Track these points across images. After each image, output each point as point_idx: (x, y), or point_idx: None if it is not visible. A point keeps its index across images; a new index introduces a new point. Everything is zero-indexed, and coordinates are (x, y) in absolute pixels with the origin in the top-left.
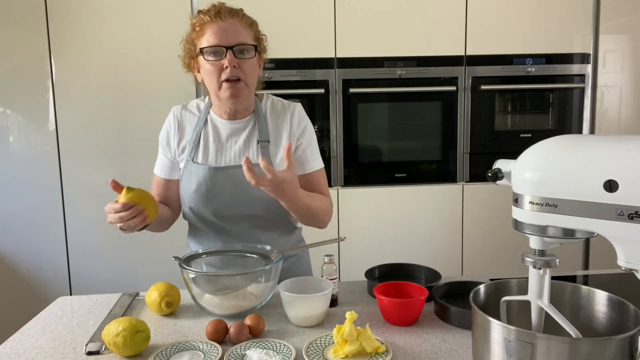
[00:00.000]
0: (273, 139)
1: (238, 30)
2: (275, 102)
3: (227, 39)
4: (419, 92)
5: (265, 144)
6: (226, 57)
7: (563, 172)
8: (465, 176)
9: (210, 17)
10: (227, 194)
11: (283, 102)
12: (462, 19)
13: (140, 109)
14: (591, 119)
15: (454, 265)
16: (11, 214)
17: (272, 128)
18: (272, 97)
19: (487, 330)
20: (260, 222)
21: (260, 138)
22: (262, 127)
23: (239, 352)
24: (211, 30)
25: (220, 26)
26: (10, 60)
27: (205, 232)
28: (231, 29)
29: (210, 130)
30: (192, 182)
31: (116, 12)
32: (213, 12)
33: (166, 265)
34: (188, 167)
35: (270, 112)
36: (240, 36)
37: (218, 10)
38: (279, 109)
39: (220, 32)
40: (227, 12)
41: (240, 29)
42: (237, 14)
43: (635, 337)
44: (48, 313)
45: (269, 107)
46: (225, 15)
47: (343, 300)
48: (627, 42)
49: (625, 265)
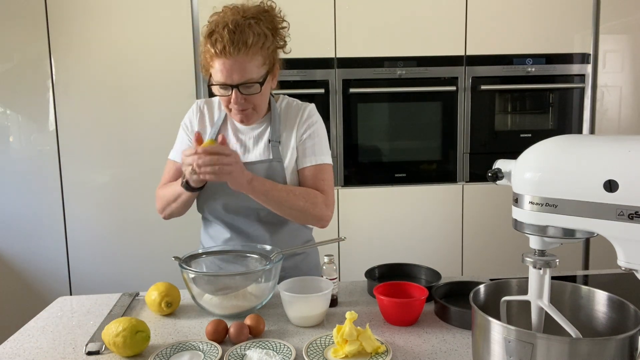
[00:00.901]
0: (284, 139)
1: (244, 67)
2: (290, 102)
3: (232, 78)
4: (419, 92)
5: (276, 144)
6: (232, 94)
7: (563, 172)
8: (465, 176)
9: (216, 52)
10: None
11: (298, 102)
12: (462, 19)
13: (140, 109)
14: (591, 119)
15: (454, 265)
16: (11, 213)
17: (285, 129)
18: (287, 98)
19: (487, 330)
20: (269, 217)
21: (271, 138)
22: (275, 127)
23: (239, 352)
24: (218, 66)
25: (225, 64)
26: (10, 60)
27: (217, 225)
28: (237, 67)
29: (229, 127)
30: None
31: (116, 12)
32: (219, 47)
33: (166, 265)
34: None
35: (284, 114)
36: (245, 73)
37: (224, 46)
38: (293, 109)
39: (225, 71)
40: (232, 48)
41: (247, 64)
42: (244, 46)
43: (635, 337)
44: (48, 313)
45: (283, 107)
46: (230, 51)
47: (343, 300)
48: (627, 42)
49: (625, 265)
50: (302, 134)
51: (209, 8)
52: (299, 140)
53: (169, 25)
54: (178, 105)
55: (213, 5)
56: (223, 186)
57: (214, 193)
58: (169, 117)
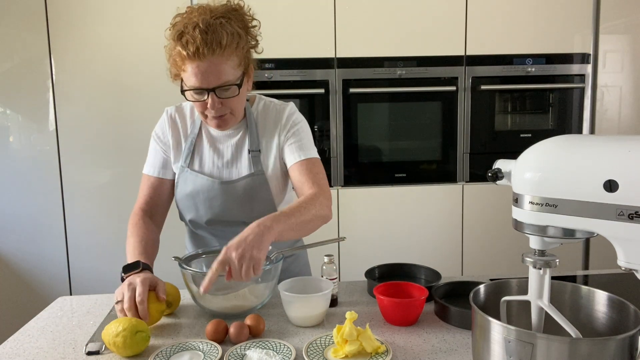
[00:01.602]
0: (264, 147)
1: (219, 69)
2: (267, 103)
3: (208, 81)
4: (419, 92)
5: (257, 153)
6: (208, 98)
7: (563, 172)
8: (465, 176)
9: (188, 55)
10: (223, 205)
11: (275, 103)
12: (462, 19)
13: (140, 109)
14: (591, 119)
15: (454, 265)
16: (11, 214)
17: (264, 135)
18: (264, 99)
19: (487, 330)
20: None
21: (251, 148)
22: (253, 136)
23: (239, 352)
24: (191, 70)
25: (200, 67)
26: (10, 60)
27: (202, 235)
28: (212, 70)
29: (204, 136)
30: (187, 189)
31: (116, 13)
32: (192, 49)
33: (166, 265)
34: (184, 174)
35: (261, 117)
36: (222, 76)
37: (197, 47)
38: (271, 112)
39: (200, 74)
40: (206, 49)
41: (222, 65)
42: (218, 46)
43: (635, 337)
44: (48, 313)
45: (260, 111)
46: (205, 53)
47: (343, 300)
48: (627, 42)
49: (625, 265)
50: (286, 136)
51: None
52: (282, 143)
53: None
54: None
55: None
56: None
57: (197, 210)
58: None
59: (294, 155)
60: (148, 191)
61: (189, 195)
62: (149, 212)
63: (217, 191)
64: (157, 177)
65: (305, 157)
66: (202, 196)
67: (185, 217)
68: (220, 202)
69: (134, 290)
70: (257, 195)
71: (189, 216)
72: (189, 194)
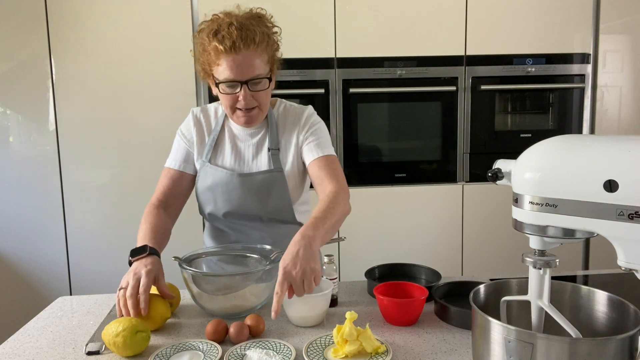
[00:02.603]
0: (283, 145)
1: (253, 62)
2: (288, 107)
3: (242, 73)
4: (419, 92)
5: (276, 152)
6: (241, 90)
7: (563, 172)
8: (465, 176)
9: (225, 49)
10: (240, 198)
11: (295, 106)
12: (462, 19)
13: (140, 109)
14: (591, 119)
15: (454, 265)
16: (11, 214)
17: (283, 135)
18: (284, 102)
19: (487, 330)
20: (272, 223)
21: (270, 146)
22: (273, 135)
23: (239, 352)
24: (226, 63)
25: (235, 60)
26: (10, 60)
27: (220, 229)
28: (246, 63)
29: (226, 134)
30: (207, 183)
31: (116, 12)
32: (228, 43)
33: (166, 265)
34: (204, 169)
35: (282, 119)
36: (255, 69)
37: (233, 41)
38: (291, 113)
39: (235, 67)
40: (242, 43)
41: (255, 59)
42: (252, 42)
43: (635, 337)
44: (48, 313)
45: (281, 113)
46: (240, 47)
47: (343, 300)
48: (627, 42)
49: (625, 265)
50: (305, 136)
51: (209, 8)
52: (301, 142)
53: (169, 25)
54: (178, 105)
55: (213, 5)
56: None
57: (215, 203)
58: (169, 117)
59: (312, 153)
60: (167, 183)
61: (209, 188)
62: (165, 203)
63: (236, 184)
64: (178, 170)
65: (323, 154)
66: (220, 189)
67: (204, 211)
68: (238, 194)
69: (138, 280)
70: (273, 191)
71: (208, 209)
72: (208, 187)
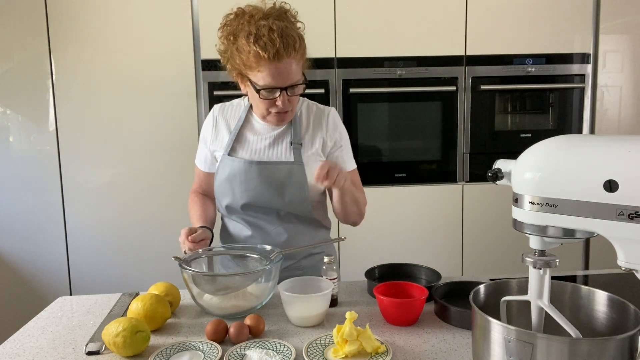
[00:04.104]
0: (306, 141)
1: (292, 69)
2: (311, 105)
3: (284, 80)
4: (419, 92)
5: (298, 146)
6: (280, 96)
7: (563, 172)
8: (465, 176)
9: (268, 57)
10: (258, 188)
11: (318, 106)
12: (462, 19)
13: (141, 108)
14: (591, 119)
15: (454, 265)
16: (11, 214)
17: (306, 131)
18: (307, 100)
19: (487, 330)
20: (288, 218)
21: (293, 140)
22: (296, 129)
23: (239, 352)
24: (268, 71)
25: (278, 68)
26: (10, 60)
27: (237, 223)
28: (287, 70)
29: (248, 128)
30: (225, 174)
31: (116, 12)
32: (272, 51)
33: (166, 265)
34: (224, 161)
35: (305, 116)
36: (294, 76)
37: (277, 50)
38: (314, 112)
39: (277, 75)
40: (284, 51)
41: (294, 66)
42: (293, 49)
43: (635, 337)
44: (48, 313)
45: (304, 110)
46: (283, 55)
47: (343, 300)
48: (627, 42)
49: (625, 265)
50: (332, 142)
51: (209, 8)
52: (329, 149)
53: (169, 25)
54: (178, 104)
55: (213, 5)
56: (241, 187)
57: (233, 195)
58: (169, 116)
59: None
60: (200, 180)
61: (227, 179)
62: (204, 193)
63: (254, 173)
64: (205, 171)
65: (347, 169)
66: (238, 179)
67: (221, 204)
68: (256, 184)
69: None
70: (292, 182)
71: (226, 201)
72: (226, 178)
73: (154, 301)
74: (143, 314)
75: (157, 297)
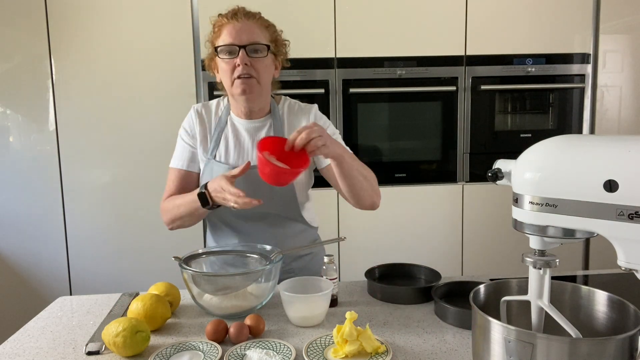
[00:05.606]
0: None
1: (252, 30)
2: (292, 104)
3: (241, 38)
4: (419, 92)
5: None
6: (239, 55)
7: (563, 172)
8: (465, 176)
9: (227, 19)
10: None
11: (300, 104)
12: (462, 19)
13: (141, 108)
14: (591, 119)
15: (454, 265)
16: (11, 214)
17: (289, 130)
18: (289, 99)
19: (487, 330)
20: (276, 220)
21: None
22: (278, 128)
23: (239, 352)
24: (227, 30)
25: (235, 26)
26: (10, 60)
27: (223, 228)
28: (245, 29)
29: (230, 129)
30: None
31: (116, 12)
32: (230, 14)
33: (166, 265)
34: (209, 165)
35: (287, 114)
36: (254, 36)
37: (235, 12)
38: (296, 110)
39: (234, 32)
40: (243, 14)
41: (255, 29)
42: (253, 16)
43: (635, 337)
44: (48, 313)
45: (286, 109)
46: (241, 16)
47: (343, 300)
48: (627, 42)
49: (625, 265)
50: None
51: (209, 8)
52: None
53: (169, 25)
54: (178, 104)
55: (213, 5)
56: None
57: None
58: (169, 116)
59: None
60: (176, 183)
61: None
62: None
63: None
64: (185, 170)
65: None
66: None
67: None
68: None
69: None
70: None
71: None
72: None
73: (154, 301)
74: (143, 314)
75: (157, 297)
